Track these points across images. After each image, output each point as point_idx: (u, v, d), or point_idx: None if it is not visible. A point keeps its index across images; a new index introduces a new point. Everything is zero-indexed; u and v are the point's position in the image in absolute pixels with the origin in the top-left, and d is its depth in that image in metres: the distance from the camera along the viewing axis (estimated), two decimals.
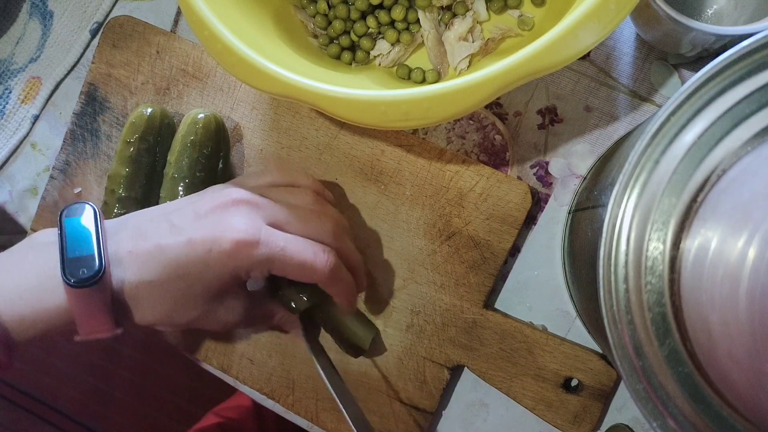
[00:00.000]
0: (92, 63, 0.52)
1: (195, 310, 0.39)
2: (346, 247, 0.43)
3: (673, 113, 0.28)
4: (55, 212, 0.53)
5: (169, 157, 0.47)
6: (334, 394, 0.41)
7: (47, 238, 0.38)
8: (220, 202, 0.39)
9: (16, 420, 1.37)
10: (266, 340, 0.49)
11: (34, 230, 0.53)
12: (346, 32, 0.47)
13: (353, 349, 0.46)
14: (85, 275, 0.36)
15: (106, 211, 0.47)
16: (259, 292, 0.45)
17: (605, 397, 0.44)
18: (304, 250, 0.39)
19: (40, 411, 1.36)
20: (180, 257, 0.37)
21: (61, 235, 0.37)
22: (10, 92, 0.55)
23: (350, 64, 0.48)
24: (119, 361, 1.32)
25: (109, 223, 0.40)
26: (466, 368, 0.48)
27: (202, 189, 0.46)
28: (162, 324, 0.39)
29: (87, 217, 0.38)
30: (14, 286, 0.36)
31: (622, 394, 0.46)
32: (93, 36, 0.55)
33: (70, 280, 0.35)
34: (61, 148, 0.53)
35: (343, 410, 0.40)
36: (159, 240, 0.38)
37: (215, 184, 0.47)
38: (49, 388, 1.36)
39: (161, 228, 0.39)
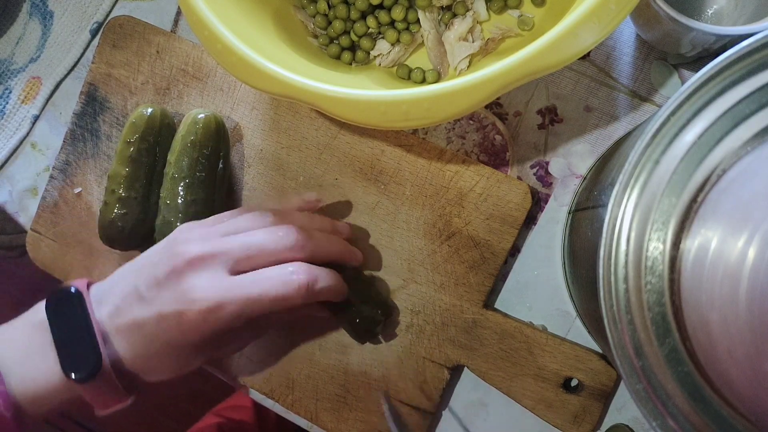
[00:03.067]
0: (92, 63, 0.52)
1: (197, 360, 0.40)
2: (320, 243, 0.41)
3: (673, 113, 0.28)
4: (56, 212, 0.53)
5: (169, 157, 0.47)
6: None
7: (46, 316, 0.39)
8: (175, 266, 0.38)
9: None
10: (266, 340, 0.49)
11: (34, 230, 0.53)
12: (346, 32, 0.47)
13: (363, 334, 0.45)
14: (85, 372, 0.37)
15: (107, 211, 0.47)
16: None
17: (605, 397, 0.44)
18: (272, 286, 0.38)
19: None
20: (158, 331, 0.38)
21: (52, 329, 0.38)
22: (10, 92, 0.55)
23: (350, 64, 0.48)
24: None
25: (92, 295, 0.40)
26: (466, 368, 0.48)
27: (202, 189, 0.46)
28: (173, 377, 0.40)
29: (73, 305, 0.38)
30: (25, 368, 0.38)
31: (622, 394, 0.46)
32: (93, 36, 0.55)
33: (71, 376, 0.37)
34: (61, 148, 0.53)
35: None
36: (134, 315, 0.38)
37: (215, 183, 0.47)
38: None
39: (132, 301, 0.38)
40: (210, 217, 0.42)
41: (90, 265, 0.52)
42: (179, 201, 0.46)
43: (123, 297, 0.38)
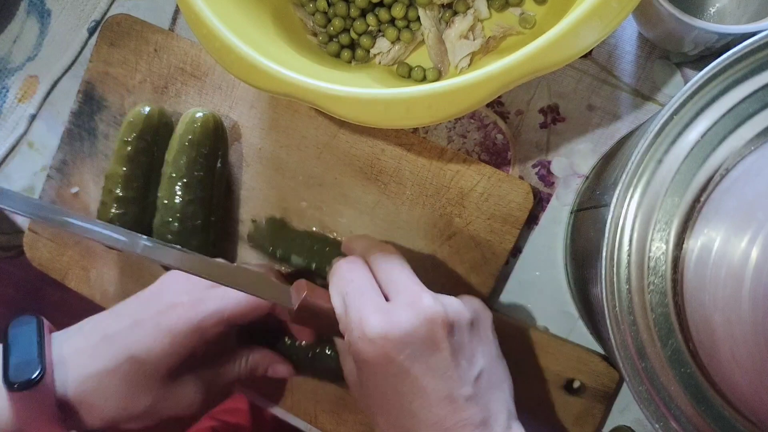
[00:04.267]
0: (90, 61, 0.52)
1: (149, 393, 0.39)
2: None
3: (675, 112, 0.28)
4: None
5: (167, 157, 0.47)
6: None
7: None
8: (164, 307, 0.39)
9: None
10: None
11: (31, 230, 0.53)
12: (346, 30, 0.47)
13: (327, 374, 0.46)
14: (25, 378, 0.36)
15: (104, 211, 0.47)
16: (226, 349, 0.44)
17: (607, 398, 0.44)
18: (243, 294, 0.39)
19: None
20: (128, 340, 0.38)
21: (5, 343, 0.38)
22: (7, 91, 0.55)
23: (350, 62, 0.48)
24: None
25: (59, 333, 0.41)
26: None
27: (200, 188, 0.46)
28: (118, 418, 0.39)
29: (30, 327, 0.39)
30: None
31: (625, 395, 0.46)
32: (91, 34, 0.54)
33: (11, 385, 0.36)
34: (59, 148, 0.52)
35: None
36: (105, 331, 0.39)
37: (213, 183, 0.47)
38: None
39: (105, 322, 0.40)
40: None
41: (87, 266, 0.52)
42: (177, 201, 0.45)
43: (95, 322, 0.40)
